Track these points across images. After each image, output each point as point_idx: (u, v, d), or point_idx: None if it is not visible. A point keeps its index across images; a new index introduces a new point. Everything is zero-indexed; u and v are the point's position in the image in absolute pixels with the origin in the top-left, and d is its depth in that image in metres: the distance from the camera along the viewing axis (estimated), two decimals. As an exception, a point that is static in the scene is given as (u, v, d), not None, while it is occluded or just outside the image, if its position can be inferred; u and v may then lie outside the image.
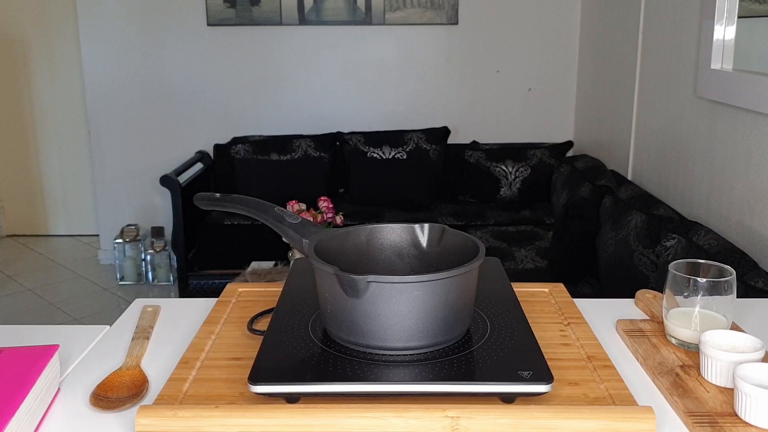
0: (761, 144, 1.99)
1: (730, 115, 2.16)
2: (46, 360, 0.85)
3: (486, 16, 4.00)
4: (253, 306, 1.07)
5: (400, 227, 0.99)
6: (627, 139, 3.11)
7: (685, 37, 2.50)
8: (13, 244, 4.57)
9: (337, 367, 0.82)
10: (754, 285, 1.76)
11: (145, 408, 0.77)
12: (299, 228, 0.96)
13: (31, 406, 0.79)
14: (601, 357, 0.91)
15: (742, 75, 2.07)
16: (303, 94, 4.09)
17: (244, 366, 0.87)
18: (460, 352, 0.85)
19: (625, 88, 3.14)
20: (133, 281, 4.03)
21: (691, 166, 2.45)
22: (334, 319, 0.87)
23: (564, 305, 1.07)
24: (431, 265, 0.97)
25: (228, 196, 1.04)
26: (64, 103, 4.52)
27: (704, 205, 2.35)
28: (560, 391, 0.83)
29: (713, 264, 0.98)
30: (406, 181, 3.82)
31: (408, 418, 0.75)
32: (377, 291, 0.81)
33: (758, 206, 2.01)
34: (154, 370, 0.94)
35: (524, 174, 3.79)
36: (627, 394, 0.82)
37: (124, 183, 4.21)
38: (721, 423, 0.78)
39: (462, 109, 4.12)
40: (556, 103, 4.10)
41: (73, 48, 4.39)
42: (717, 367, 0.86)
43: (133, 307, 1.15)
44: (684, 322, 0.96)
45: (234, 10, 3.98)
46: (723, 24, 2.18)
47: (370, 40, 4.05)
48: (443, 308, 0.84)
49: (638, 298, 1.14)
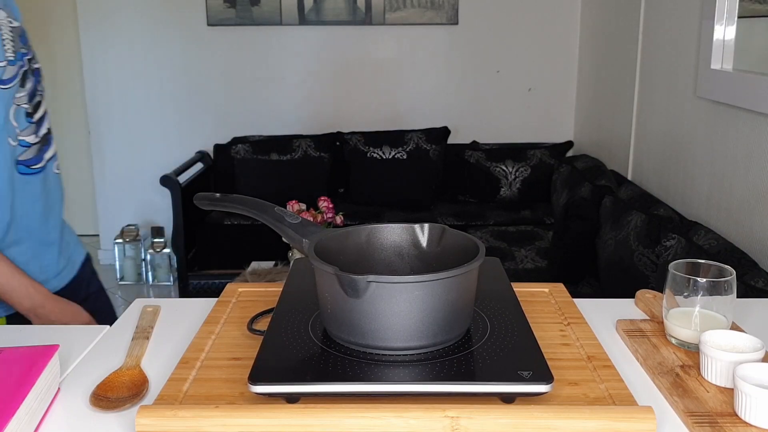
0: (761, 144, 1.99)
1: (730, 115, 2.16)
2: (46, 360, 0.85)
3: (486, 16, 4.00)
4: (253, 306, 1.07)
5: (400, 227, 0.99)
6: (627, 139, 3.11)
7: (685, 37, 2.50)
8: (13, 244, 4.57)
9: (337, 367, 0.82)
10: (754, 285, 1.76)
11: (145, 408, 0.77)
12: (299, 228, 0.96)
13: (31, 406, 0.79)
14: (601, 357, 0.91)
15: (742, 75, 2.07)
16: (303, 94, 4.09)
17: (244, 366, 0.87)
18: (460, 352, 0.85)
19: (625, 88, 3.14)
20: (133, 281, 4.03)
21: (691, 166, 2.45)
22: (334, 319, 0.86)
23: (564, 305, 1.07)
24: (431, 265, 0.97)
25: (228, 196, 1.04)
26: (64, 103, 4.52)
27: (704, 205, 2.35)
28: (560, 391, 0.83)
29: (713, 264, 0.98)
30: (406, 181, 3.82)
31: (408, 418, 0.75)
32: (377, 291, 0.81)
33: (758, 206, 2.01)
34: (154, 370, 0.94)
35: (524, 174, 3.79)
36: (627, 394, 0.82)
37: (124, 183, 4.21)
38: (721, 423, 0.78)
39: (462, 109, 4.12)
40: (556, 103, 4.10)
41: (73, 48, 4.39)
42: (717, 367, 0.86)
43: (133, 307, 1.15)
44: (684, 322, 0.96)
45: (234, 10, 3.98)
46: (723, 24, 2.18)
47: (370, 40, 4.05)
48: (443, 308, 0.84)
49: (638, 298, 1.14)
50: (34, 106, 1.41)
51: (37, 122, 1.42)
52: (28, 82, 1.38)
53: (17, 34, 1.38)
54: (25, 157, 1.40)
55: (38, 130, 1.42)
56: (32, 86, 1.40)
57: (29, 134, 1.39)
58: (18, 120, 1.36)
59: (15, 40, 1.36)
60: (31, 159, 1.41)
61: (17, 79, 1.34)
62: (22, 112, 1.37)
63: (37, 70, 1.44)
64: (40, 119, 1.43)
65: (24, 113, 1.37)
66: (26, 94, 1.37)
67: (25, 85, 1.37)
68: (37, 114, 1.42)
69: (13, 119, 1.35)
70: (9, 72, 1.32)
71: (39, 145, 1.42)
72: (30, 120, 1.39)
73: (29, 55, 1.41)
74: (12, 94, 1.34)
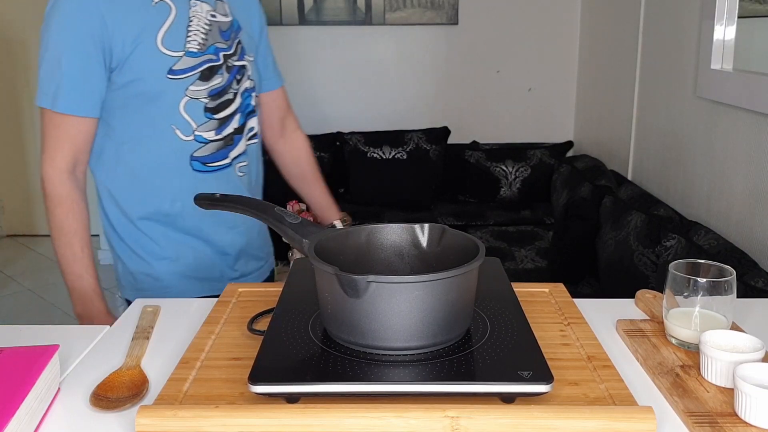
0: (761, 144, 1.99)
1: (730, 115, 2.16)
2: (46, 360, 0.85)
3: (486, 16, 4.00)
4: (253, 306, 1.07)
5: (400, 227, 0.99)
6: (627, 139, 3.11)
7: (685, 37, 2.50)
8: (13, 244, 4.57)
9: (337, 367, 0.82)
10: (754, 285, 1.76)
11: (145, 408, 0.77)
12: (299, 228, 0.96)
13: (32, 406, 0.79)
14: (601, 357, 0.91)
15: (742, 75, 2.07)
16: (303, 94, 4.08)
17: (244, 366, 0.87)
18: (460, 352, 0.85)
19: (625, 88, 3.14)
20: (133, 281, 4.03)
21: (691, 166, 2.45)
22: (334, 319, 0.86)
23: (564, 305, 1.07)
24: (431, 265, 0.97)
25: (228, 197, 1.04)
26: (64, 103, 4.52)
27: (704, 205, 2.35)
28: (560, 391, 0.83)
29: (713, 264, 0.98)
30: (406, 181, 3.82)
31: (408, 418, 0.75)
32: (377, 291, 0.81)
33: (758, 206, 2.01)
34: (154, 370, 0.94)
35: (524, 174, 3.79)
36: (627, 394, 0.82)
37: (124, 183, 4.21)
38: (721, 423, 0.78)
39: (462, 109, 4.12)
40: (556, 103, 4.10)
41: (73, 48, 4.39)
42: (717, 367, 0.86)
43: (133, 307, 1.15)
44: (684, 322, 0.96)
45: (234, 10, 3.98)
46: (723, 24, 2.18)
47: (370, 40, 4.05)
48: (443, 308, 0.84)
49: (638, 298, 1.14)
50: (221, 104, 1.35)
51: (221, 119, 1.36)
52: (216, 77, 1.34)
53: (217, 29, 1.35)
54: (201, 154, 1.35)
55: (221, 127, 1.36)
56: (223, 83, 1.35)
57: (208, 130, 1.34)
58: (192, 114, 1.32)
59: (210, 33, 1.33)
60: (207, 156, 1.36)
61: (194, 71, 1.31)
62: (200, 107, 1.33)
63: (238, 68, 1.39)
64: (226, 117, 1.37)
65: (202, 108, 1.33)
66: (207, 88, 1.33)
67: (209, 80, 1.32)
68: (222, 112, 1.36)
69: (184, 112, 1.31)
70: (184, 63, 1.29)
71: (220, 143, 1.37)
72: (210, 116, 1.34)
73: (228, 50, 1.37)
74: (185, 86, 1.30)
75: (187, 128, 1.33)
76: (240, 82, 1.40)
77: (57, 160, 1.29)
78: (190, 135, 1.33)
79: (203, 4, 1.33)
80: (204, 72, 1.32)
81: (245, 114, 1.43)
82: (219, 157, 1.38)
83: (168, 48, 1.28)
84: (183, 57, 1.30)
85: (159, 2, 1.29)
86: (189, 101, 1.31)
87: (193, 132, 1.33)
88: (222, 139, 1.38)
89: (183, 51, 1.30)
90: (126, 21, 1.26)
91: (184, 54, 1.30)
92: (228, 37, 1.37)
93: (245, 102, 1.42)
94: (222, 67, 1.35)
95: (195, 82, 1.32)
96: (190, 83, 1.31)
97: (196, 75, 1.32)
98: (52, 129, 1.29)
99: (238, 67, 1.39)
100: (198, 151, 1.35)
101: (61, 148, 1.29)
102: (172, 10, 1.29)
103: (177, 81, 1.30)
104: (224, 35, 1.36)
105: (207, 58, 1.33)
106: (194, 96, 1.32)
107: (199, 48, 1.31)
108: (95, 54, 1.25)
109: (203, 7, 1.33)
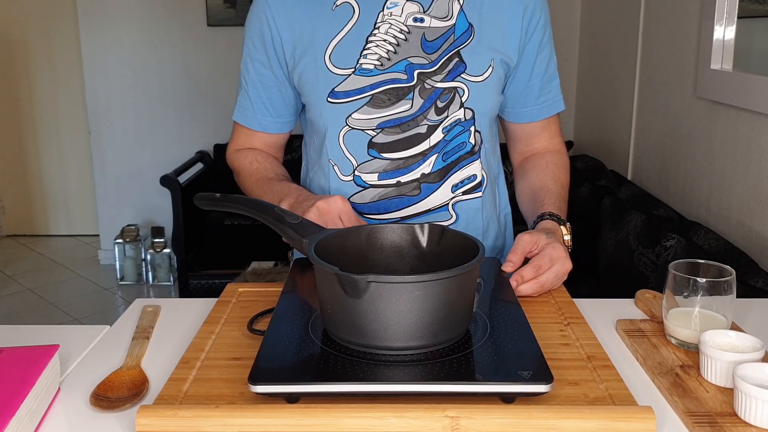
0: (761, 144, 1.99)
1: (730, 115, 2.16)
2: (46, 360, 0.85)
3: (486, 16, 3.99)
4: (253, 306, 1.07)
5: (400, 227, 0.99)
6: (627, 139, 3.11)
7: (685, 37, 2.50)
8: (13, 244, 4.57)
9: (337, 367, 0.82)
10: (754, 285, 1.76)
11: (145, 408, 0.77)
12: (299, 228, 0.96)
13: (31, 406, 0.79)
14: (600, 357, 0.91)
15: (742, 75, 2.07)
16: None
17: (244, 366, 0.87)
18: (460, 352, 0.85)
19: (625, 88, 3.14)
20: (133, 281, 4.03)
21: (691, 166, 2.45)
22: (334, 319, 0.87)
23: (564, 305, 1.07)
24: (431, 265, 0.97)
25: (228, 196, 1.04)
26: (64, 103, 4.52)
27: (704, 205, 2.35)
28: (560, 391, 0.83)
29: (713, 264, 0.98)
30: (406, 181, 3.81)
31: (408, 418, 0.75)
32: (377, 291, 0.81)
33: (758, 206, 2.01)
34: (154, 370, 0.94)
35: (524, 174, 3.78)
36: (627, 394, 0.82)
37: (124, 183, 4.21)
38: (721, 423, 0.78)
39: (462, 109, 4.12)
40: (556, 103, 4.10)
41: (73, 48, 4.39)
42: (717, 367, 0.86)
43: (133, 307, 1.15)
44: (684, 322, 0.96)
45: (234, 10, 3.98)
46: (723, 24, 2.18)
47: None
48: (443, 308, 0.84)
49: (638, 298, 1.14)
50: (402, 140, 1.04)
51: (395, 160, 1.05)
52: (401, 103, 1.03)
53: (420, 38, 1.02)
54: (358, 201, 1.08)
55: (395, 172, 1.05)
56: (411, 111, 1.03)
57: (369, 171, 1.05)
58: (353, 148, 1.04)
59: (404, 45, 1.02)
60: (362, 204, 1.09)
61: (362, 94, 1.02)
62: (363, 140, 1.04)
63: (441, 91, 1.04)
64: (406, 159, 1.06)
65: (367, 141, 1.04)
66: (379, 117, 1.03)
67: (388, 107, 1.02)
68: (401, 151, 1.04)
69: (344, 145, 1.04)
70: (350, 84, 1.01)
71: (390, 190, 1.08)
72: (375, 153, 1.04)
73: (429, 67, 1.03)
74: (346, 113, 1.03)
75: (347, 166, 1.07)
76: (444, 110, 1.06)
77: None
78: (349, 174, 1.08)
79: (409, 3, 1.02)
80: (379, 96, 1.04)
81: (449, 155, 1.08)
82: (385, 207, 1.07)
83: (336, 64, 1.04)
84: (351, 75, 1.03)
85: (343, 3, 1.02)
86: (349, 132, 1.05)
87: (353, 171, 1.07)
88: (394, 186, 1.07)
89: (353, 68, 1.03)
90: (296, 28, 1.03)
91: (352, 72, 1.03)
92: (436, 48, 1.04)
93: (453, 139, 1.07)
94: (413, 90, 1.04)
95: (361, 108, 1.05)
96: (354, 109, 1.05)
97: (365, 99, 1.04)
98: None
99: (441, 90, 1.05)
100: (355, 197, 1.09)
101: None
102: (355, 13, 1.02)
103: (335, 106, 1.05)
104: (429, 46, 1.04)
105: (388, 78, 1.03)
106: (357, 126, 1.05)
107: (378, 65, 1.02)
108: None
109: (407, 7, 1.02)
